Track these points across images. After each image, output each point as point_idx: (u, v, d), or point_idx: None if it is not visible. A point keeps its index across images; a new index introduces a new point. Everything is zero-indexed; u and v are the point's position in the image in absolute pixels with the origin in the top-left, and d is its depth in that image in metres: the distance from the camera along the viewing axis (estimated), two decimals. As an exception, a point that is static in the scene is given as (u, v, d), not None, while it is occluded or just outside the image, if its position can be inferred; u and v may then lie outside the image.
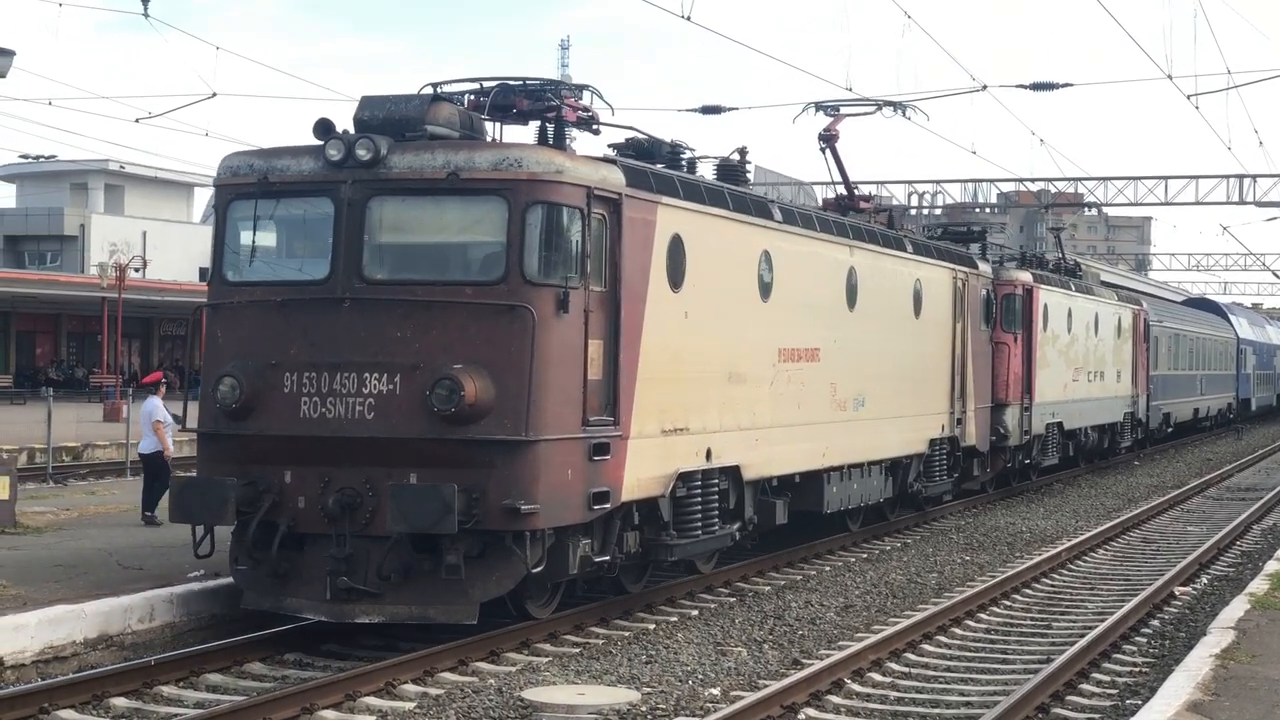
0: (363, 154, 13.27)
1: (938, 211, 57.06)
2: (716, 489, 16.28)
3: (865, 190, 55.90)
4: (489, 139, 14.44)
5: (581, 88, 15.50)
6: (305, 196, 13.60)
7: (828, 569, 19.62)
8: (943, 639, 15.13)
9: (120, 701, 11.81)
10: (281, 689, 11.97)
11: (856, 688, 12.80)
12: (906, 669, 13.72)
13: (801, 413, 18.43)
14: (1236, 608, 14.96)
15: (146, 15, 25.04)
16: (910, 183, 58.71)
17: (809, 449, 18.71)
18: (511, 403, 12.99)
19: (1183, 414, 49.36)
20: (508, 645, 13.82)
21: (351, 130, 13.64)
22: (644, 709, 11.70)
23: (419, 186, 13.29)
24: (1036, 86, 35.34)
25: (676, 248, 15.26)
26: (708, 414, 15.99)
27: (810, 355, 18.71)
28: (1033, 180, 57.45)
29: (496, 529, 12.99)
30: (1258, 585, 16.58)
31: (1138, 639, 15.21)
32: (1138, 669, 13.77)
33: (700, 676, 12.99)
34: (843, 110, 24.32)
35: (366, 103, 13.86)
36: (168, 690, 12.25)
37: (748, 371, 16.95)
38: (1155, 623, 16.15)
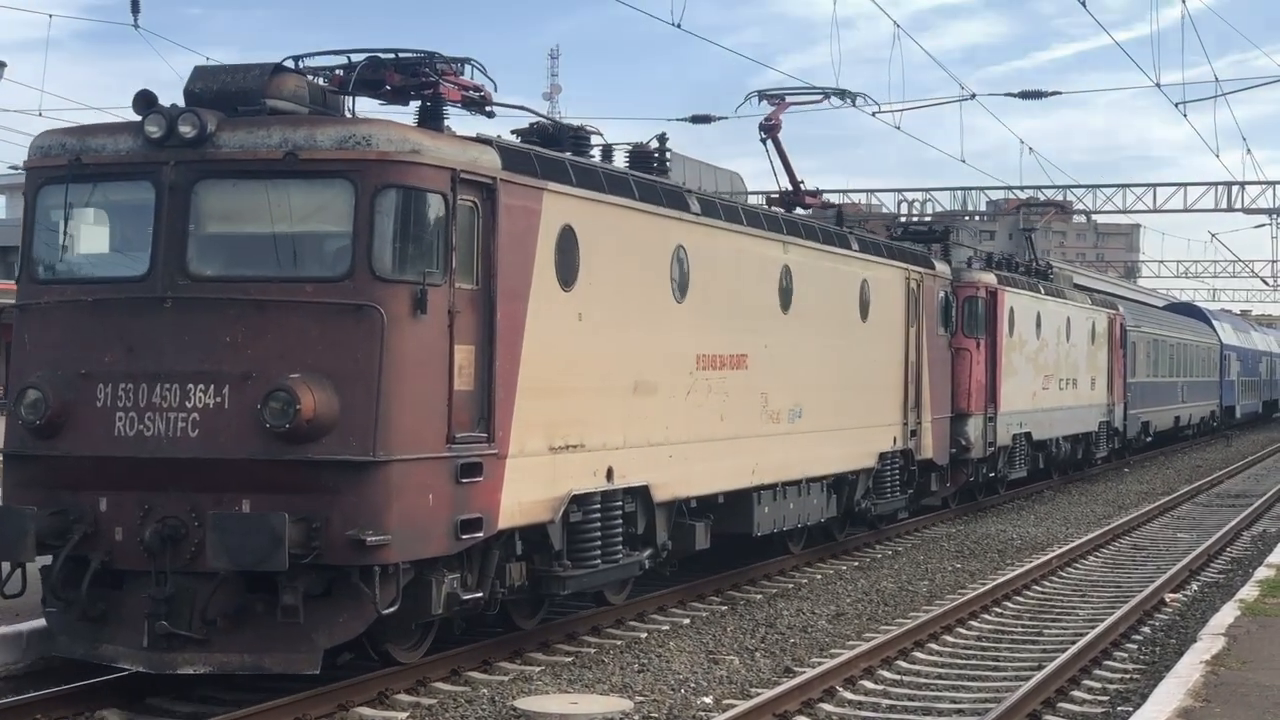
0: (187, 130, 11.48)
1: (927, 219, 55.75)
2: (620, 512, 14.52)
3: (857, 198, 55.05)
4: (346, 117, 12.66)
5: (463, 61, 13.71)
6: (123, 180, 11.78)
7: (819, 577, 19.58)
8: (935, 646, 15.06)
9: (112, 713, 11.50)
10: (273, 700, 11.40)
11: (849, 695, 12.78)
12: (898, 676, 13.66)
13: (725, 426, 16.65)
14: (1227, 614, 14.88)
15: (136, 26, 23.80)
16: (899, 191, 57.80)
17: (735, 466, 16.93)
18: (358, 417, 11.22)
19: (1163, 422, 47.74)
20: (500, 654, 13.64)
21: (182, 104, 11.87)
22: (637, 717, 11.75)
23: (252, 168, 11.49)
24: (1025, 95, 34.87)
25: (568, 240, 13.50)
26: (609, 429, 14.22)
27: (736, 362, 16.94)
28: (1022, 188, 56.44)
29: (341, 564, 11.23)
30: (1248, 592, 16.51)
31: (1129, 645, 15.18)
32: (1129, 675, 13.70)
33: (693, 685, 12.92)
34: (787, 99, 22.62)
35: (199, 73, 12.09)
36: (160, 703, 11.86)
37: (659, 380, 15.18)
38: (1146, 629, 16.12)
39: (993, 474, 28.90)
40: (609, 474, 14.20)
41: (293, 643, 11.30)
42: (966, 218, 62.74)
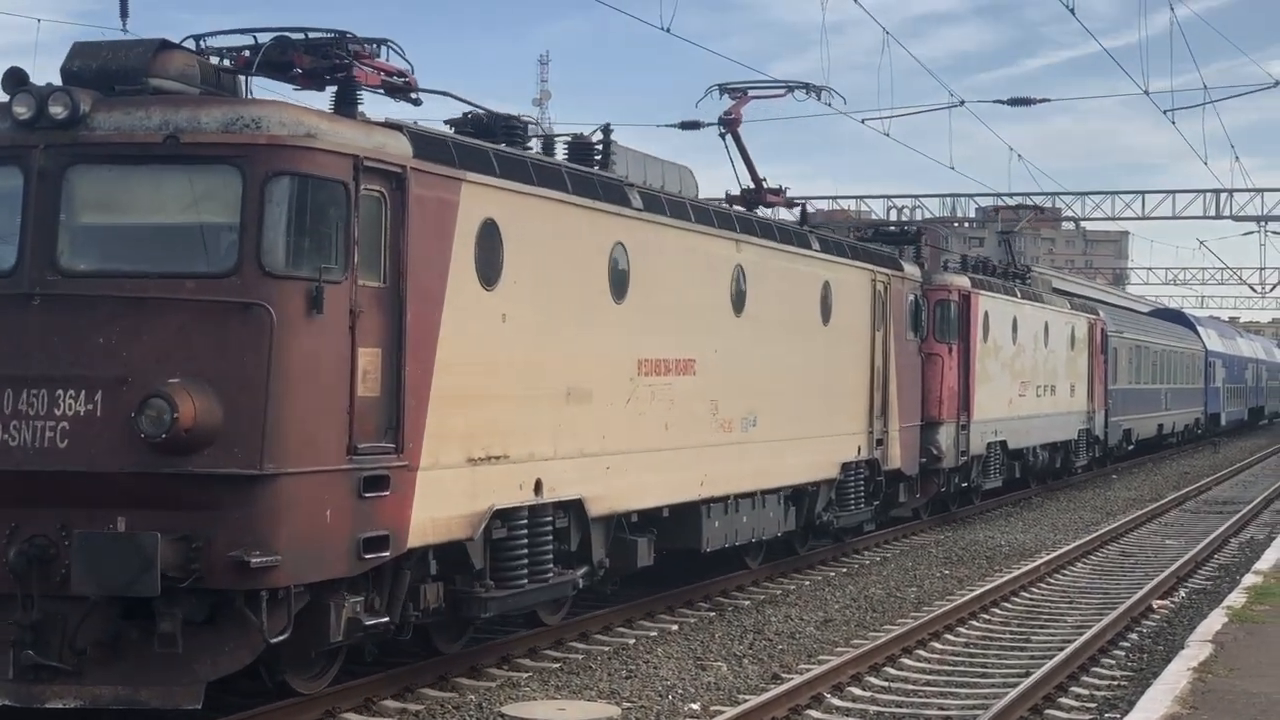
0: (58, 111, 10.45)
1: (913, 223, 54.91)
2: (550, 528, 13.52)
3: (847, 204, 53.94)
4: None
5: (379, 43, 12.69)
6: None
7: (807, 583, 19.55)
8: (922, 653, 15.06)
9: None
10: (260, 707, 11.20)
11: (836, 702, 12.78)
12: (886, 683, 13.66)
13: (671, 435, 15.64)
14: (1214, 621, 14.85)
15: (125, 31, 22.95)
16: (889, 197, 56.97)
17: (681, 477, 15.91)
18: (243, 427, 10.20)
19: (1145, 430, 46.76)
20: (488, 661, 13.57)
21: (60, 84, 10.84)
22: (623, 724, 11.75)
23: (130, 152, 10.48)
24: (1014, 102, 34.69)
25: (490, 236, 12.50)
26: (537, 438, 13.22)
27: (683, 367, 15.93)
28: (1010, 194, 55.76)
29: (225, 588, 10.22)
30: (1235, 598, 16.45)
31: (1116, 652, 15.17)
32: (1116, 682, 13.70)
33: (680, 691, 12.90)
34: (749, 93, 21.64)
35: (78, 50, 11.05)
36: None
37: (594, 387, 14.17)
38: (1134, 636, 16.12)
39: (966, 484, 27.93)
40: (537, 487, 13.20)
41: (171, 674, 10.31)
42: (955, 224, 61.93)
